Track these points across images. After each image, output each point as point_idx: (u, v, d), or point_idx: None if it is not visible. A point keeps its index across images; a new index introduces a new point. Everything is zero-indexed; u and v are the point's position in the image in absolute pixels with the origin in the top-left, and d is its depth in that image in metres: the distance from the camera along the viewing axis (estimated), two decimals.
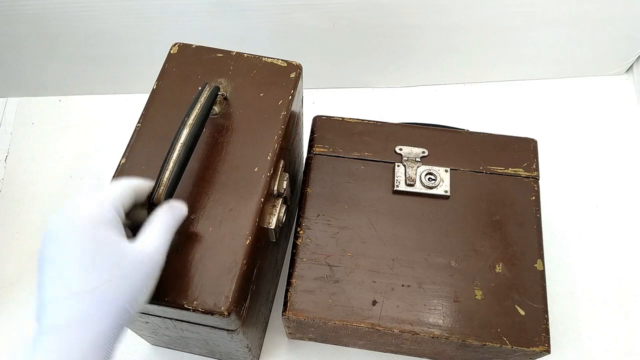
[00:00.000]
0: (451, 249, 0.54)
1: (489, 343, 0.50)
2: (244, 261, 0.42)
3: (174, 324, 0.48)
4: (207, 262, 0.42)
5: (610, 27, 0.76)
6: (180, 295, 0.40)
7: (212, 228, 0.43)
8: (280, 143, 0.47)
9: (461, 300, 0.52)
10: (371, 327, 0.50)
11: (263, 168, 0.46)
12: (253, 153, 0.46)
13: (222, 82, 0.50)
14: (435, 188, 0.57)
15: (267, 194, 0.46)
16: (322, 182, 0.58)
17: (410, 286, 0.52)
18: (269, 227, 0.48)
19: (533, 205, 0.57)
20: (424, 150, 0.59)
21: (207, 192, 0.44)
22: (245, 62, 0.51)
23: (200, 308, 0.40)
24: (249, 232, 0.43)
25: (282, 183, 0.49)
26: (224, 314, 0.40)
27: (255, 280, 0.49)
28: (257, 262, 0.48)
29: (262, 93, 0.49)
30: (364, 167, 0.59)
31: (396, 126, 0.61)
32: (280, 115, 0.48)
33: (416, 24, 0.75)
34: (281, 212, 0.49)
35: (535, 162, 0.59)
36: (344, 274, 0.53)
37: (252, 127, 0.48)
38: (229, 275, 0.41)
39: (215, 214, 0.43)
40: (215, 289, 0.40)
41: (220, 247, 0.42)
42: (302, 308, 0.51)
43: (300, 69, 0.51)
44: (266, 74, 0.51)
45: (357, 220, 0.56)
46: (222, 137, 0.47)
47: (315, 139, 0.60)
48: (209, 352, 0.60)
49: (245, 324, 0.48)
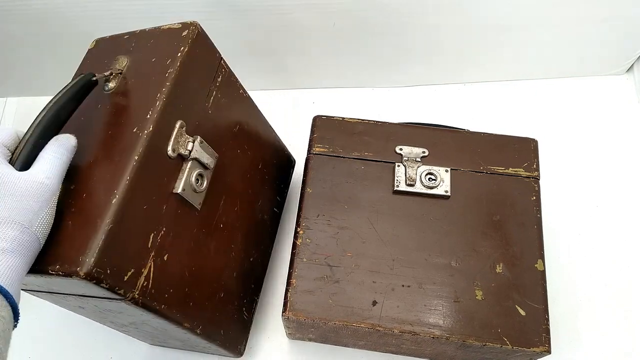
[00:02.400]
0: (451, 249, 0.54)
1: (489, 343, 0.50)
2: (108, 220, 0.40)
3: (91, 303, 0.47)
4: (75, 227, 0.41)
5: (610, 27, 0.76)
6: (46, 261, 0.40)
7: (85, 194, 0.42)
8: (167, 102, 0.46)
9: (461, 301, 0.52)
10: (371, 328, 0.50)
11: (142, 127, 0.44)
12: (135, 115, 0.45)
13: (118, 59, 0.50)
14: (436, 188, 0.57)
15: (152, 154, 0.44)
16: (322, 182, 0.58)
17: (410, 286, 0.52)
18: (173, 192, 0.47)
19: (533, 206, 0.57)
20: (424, 150, 0.59)
21: (88, 163, 0.44)
22: (146, 36, 0.51)
23: (60, 272, 0.39)
24: (117, 190, 0.41)
25: (183, 144, 0.48)
26: (80, 275, 0.38)
27: (170, 249, 0.47)
28: (160, 229, 0.46)
29: (154, 58, 0.49)
30: (364, 167, 0.58)
31: (396, 126, 0.61)
32: (167, 73, 0.47)
33: (416, 23, 0.74)
34: (190, 175, 0.48)
35: (536, 162, 0.59)
36: (344, 274, 0.53)
37: (139, 92, 0.47)
38: (91, 236, 0.39)
39: (92, 181, 0.43)
40: (75, 251, 0.39)
41: (89, 211, 0.41)
42: (302, 308, 0.51)
43: (195, 26, 0.50)
44: (162, 41, 0.50)
45: (357, 220, 0.56)
46: (113, 109, 0.47)
47: (315, 138, 0.60)
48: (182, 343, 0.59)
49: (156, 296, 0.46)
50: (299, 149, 0.78)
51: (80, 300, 0.47)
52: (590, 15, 0.74)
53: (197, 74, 0.50)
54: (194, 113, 0.50)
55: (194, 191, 0.49)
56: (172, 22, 0.52)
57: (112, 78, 0.49)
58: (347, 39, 0.77)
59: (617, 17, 0.74)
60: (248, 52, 0.79)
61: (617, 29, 0.76)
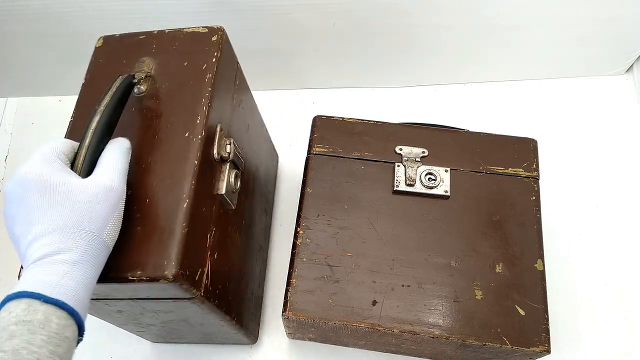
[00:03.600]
0: (451, 249, 0.54)
1: (489, 343, 0.50)
2: (184, 224, 0.41)
3: (141, 305, 0.48)
4: (147, 233, 0.41)
5: (610, 27, 0.76)
6: (124, 269, 0.40)
7: (148, 199, 0.43)
8: (211, 106, 0.47)
9: (461, 300, 0.52)
10: (371, 327, 0.50)
11: (194, 132, 0.46)
12: (182, 120, 0.46)
13: (144, 61, 0.50)
14: (435, 188, 0.57)
15: (204, 158, 0.46)
16: (322, 182, 0.58)
17: (410, 286, 0.52)
18: (218, 193, 0.48)
19: (533, 206, 0.57)
20: (424, 150, 0.59)
21: (140, 167, 0.44)
22: (167, 37, 0.52)
23: (144, 277, 0.40)
24: (185, 195, 0.43)
25: (223, 147, 0.49)
26: (169, 279, 0.39)
27: (218, 248, 0.49)
28: (212, 229, 0.48)
29: (186, 62, 0.49)
30: (364, 167, 0.59)
31: (396, 126, 0.61)
32: (206, 78, 0.48)
33: (416, 24, 0.75)
34: (230, 177, 0.50)
35: (536, 162, 0.59)
36: (344, 274, 0.53)
37: (178, 96, 0.48)
38: (169, 241, 0.41)
39: (150, 186, 0.43)
40: (158, 257, 0.40)
41: (159, 216, 0.42)
42: (302, 308, 0.51)
43: (223, 31, 0.51)
44: (188, 43, 0.51)
45: (357, 220, 0.56)
46: (150, 112, 0.47)
47: (315, 139, 0.60)
48: (203, 336, 0.60)
49: (212, 292, 0.48)
50: (298, 149, 0.78)
51: (131, 303, 0.47)
52: (590, 15, 0.74)
53: (225, 79, 0.52)
54: (225, 116, 0.52)
55: (232, 191, 0.52)
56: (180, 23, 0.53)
57: (143, 81, 0.49)
58: (347, 39, 0.77)
59: (617, 17, 0.74)
60: (248, 52, 0.79)
61: (617, 29, 0.76)
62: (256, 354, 0.67)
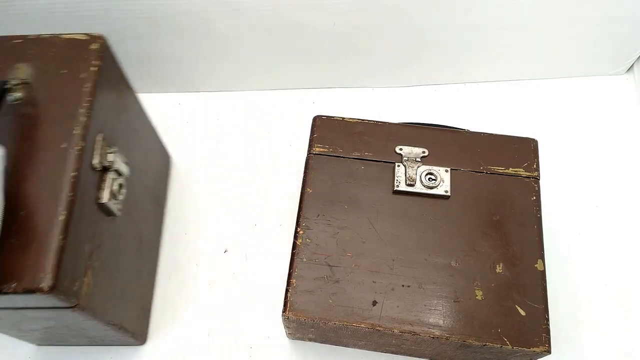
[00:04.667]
0: (451, 249, 0.54)
1: (489, 343, 0.50)
2: (60, 237, 0.42)
3: (20, 314, 0.48)
4: (22, 245, 0.42)
5: (610, 27, 0.76)
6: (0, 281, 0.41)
7: (23, 212, 0.43)
8: (90, 116, 0.47)
9: (461, 301, 0.52)
10: (371, 328, 0.50)
11: (71, 143, 0.46)
12: (60, 130, 0.46)
13: (20, 67, 0.49)
14: (436, 188, 0.57)
15: (83, 168, 0.46)
16: (322, 182, 0.58)
17: (410, 286, 0.52)
18: (100, 202, 0.50)
19: (533, 206, 0.57)
20: (424, 150, 0.59)
21: (16, 179, 0.44)
22: (45, 43, 0.51)
23: (20, 289, 0.41)
24: (61, 208, 0.43)
25: (104, 156, 0.50)
26: (44, 290, 0.41)
27: (100, 255, 0.50)
28: (92, 238, 0.49)
29: (66, 70, 0.49)
30: (364, 167, 0.58)
31: (396, 126, 0.61)
32: (84, 87, 0.48)
33: (416, 24, 0.74)
34: (113, 185, 0.51)
35: (536, 162, 0.59)
36: (344, 274, 0.53)
37: (56, 105, 0.48)
38: (45, 253, 0.42)
39: (27, 197, 0.44)
40: (34, 269, 0.41)
41: (35, 228, 0.43)
42: (302, 308, 0.51)
43: (103, 39, 0.51)
44: (67, 51, 0.50)
45: (357, 220, 0.56)
46: (27, 121, 0.47)
47: (315, 139, 0.60)
48: (89, 339, 0.61)
49: (94, 301, 0.49)
50: (298, 149, 0.78)
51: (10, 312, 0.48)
52: (591, 15, 0.74)
53: (107, 86, 0.52)
54: (108, 124, 0.52)
55: (115, 199, 0.53)
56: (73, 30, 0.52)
57: (19, 88, 0.48)
58: (347, 39, 0.77)
59: (618, 17, 0.74)
60: (248, 52, 0.79)
61: (617, 29, 0.76)
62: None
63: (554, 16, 0.74)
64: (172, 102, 0.84)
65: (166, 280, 0.71)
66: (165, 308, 0.69)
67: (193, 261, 0.72)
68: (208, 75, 0.83)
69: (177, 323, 0.68)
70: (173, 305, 0.69)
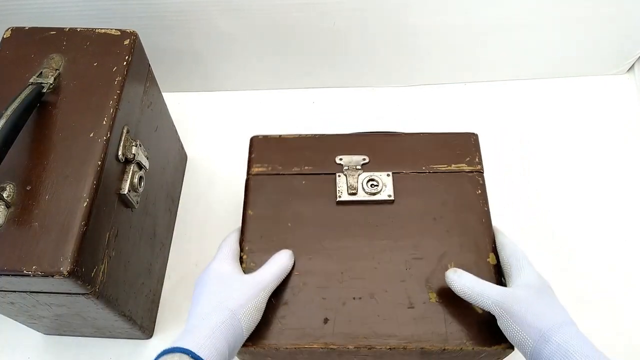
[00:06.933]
0: (400, 254, 0.52)
1: (448, 347, 0.47)
2: (82, 222, 0.44)
3: (34, 298, 0.49)
4: (45, 228, 0.43)
5: (611, 27, 0.75)
6: (19, 262, 0.42)
7: (48, 196, 0.44)
8: (118, 108, 0.49)
9: (415, 306, 0.49)
10: (325, 347, 0.48)
11: (99, 133, 0.47)
12: (88, 120, 0.48)
13: (54, 58, 0.51)
14: (379, 194, 0.55)
15: (108, 159, 0.48)
16: (263, 203, 0.56)
17: (362, 298, 0.50)
18: (121, 193, 0.51)
19: (479, 199, 0.55)
20: (365, 157, 0.58)
21: (42, 164, 0.46)
22: (79, 36, 0.53)
23: (39, 272, 0.41)
24: (85, 194, 0.44)
25: (129, 148, 0.52)
26: (64, 274, 0.41)
27: (116, 245, 0.52)
28: (111, 227, 0.51)
29: (96, 62, 0.51)
30: (305, 181, 0.57)
31: (335, 137, 0.60)
32: (115, 81, 0.50)
33: (416, 24, 0.74)
34: (134, 178, 0.53)
35: (478, 155, 0.58)
36: (292, 295, 0.50)
37: (86, 95, 0.50)
38: (66, 237, 0.43)
39: (51, 183, 0.45)
40: (54, 252, 0.42)
41: (58, 213, 0.44)
42: (251, 337, 0.48)
43: (135, 36, 0.53)
44: (100, 44, 0.52)
45: (302, 236, 0.54)
46: (55, 109, 0.49)
47: (252, 159, 0.59)
48: (97, 329, 0.61)
49: (108, 289, 0.50)
50: None
51: (24, 296, 0.48)
52: (590, 15, 0.73)
53: (135, 82, 0.55)
54: (133, 118, 0.54)
55: (134, 191, 0.54)
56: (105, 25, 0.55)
57: (50, 76, 0.50)
58: (347, 39, 0.76)
59: (617, 17, 0.74)
60: (248, 51, 0.78)
61: (617, 29, 0.76)
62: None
63: (554, 16, 0.74)
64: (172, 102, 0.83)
65: (174, 277, 0.71)
66: (172, 304, 0.69)
67: (201, 261, 0.71)
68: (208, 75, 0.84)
69: (183, 320, 0.65)
70: (180, 302, 0.70)
